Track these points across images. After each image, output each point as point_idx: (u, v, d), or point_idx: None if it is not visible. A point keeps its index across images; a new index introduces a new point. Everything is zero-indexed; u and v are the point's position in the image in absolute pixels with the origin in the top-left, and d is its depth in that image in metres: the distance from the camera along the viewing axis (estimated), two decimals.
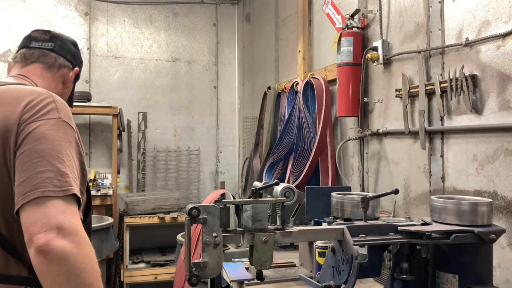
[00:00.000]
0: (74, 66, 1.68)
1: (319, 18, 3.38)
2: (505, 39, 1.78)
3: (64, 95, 1.66)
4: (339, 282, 1.35)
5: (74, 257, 1.07)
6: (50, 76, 1.60)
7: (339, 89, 2.71)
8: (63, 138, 1.22)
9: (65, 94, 1.67)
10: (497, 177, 1.82)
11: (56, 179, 1.14)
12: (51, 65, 1.60)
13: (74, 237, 1.09)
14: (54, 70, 1.61)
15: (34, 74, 1.56)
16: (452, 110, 2.06)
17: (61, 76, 1.64)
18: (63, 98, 1.51)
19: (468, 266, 1.30)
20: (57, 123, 1.24)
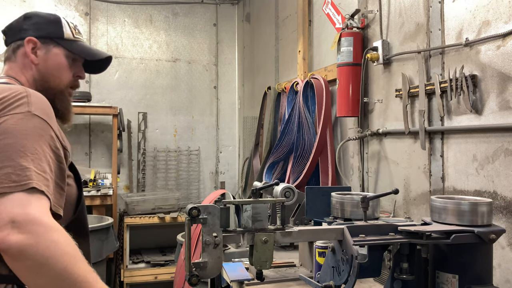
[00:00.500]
0: (25, 37, 1.47)
1: (319, 18, 3.38)
2: (505, 39, 1.78)
3: (48, 71, 1.48)
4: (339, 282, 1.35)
5: (33, 248, 1.03)
6: (17, 66, 1.48)
7: (339, 89, 2.71)
8: (30, 132, 1.18)
9: (47, 70, 1.48)
10: (497, 177, 1.82)
11: (15, 174, 1.10)
12: (10, 56, 1.50)
13: (31, 227, 1.04)
14: (13, 59, 1.48)
15: (8, 73, 1.47)
16: (452, 110, 2.06)
17: (23, 61, 1.47)
18: (51, 75, 1.46)
19: (468, 266, 1.30)
20: (25, 117, 1.19)
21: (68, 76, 1.52)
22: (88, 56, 1.56)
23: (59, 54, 1.50)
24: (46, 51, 1.48)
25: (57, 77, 1.49)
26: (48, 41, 1.49)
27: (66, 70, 1.51)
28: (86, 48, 1.56)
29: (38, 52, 1.47)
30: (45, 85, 1.46)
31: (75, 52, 1.52)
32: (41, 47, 1.47)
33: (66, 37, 1.51)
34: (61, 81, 1.50)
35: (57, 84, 1.49)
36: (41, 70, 1.47)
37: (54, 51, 1.49)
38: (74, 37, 1.54)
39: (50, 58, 1.49)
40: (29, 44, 1.46)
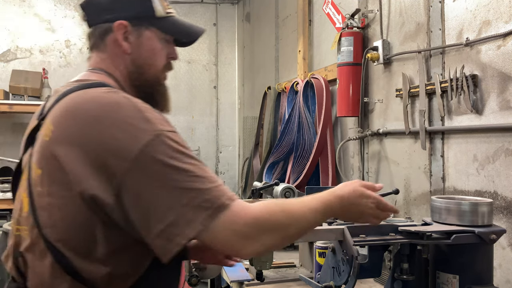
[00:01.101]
0: (114, 20, 1.19)
1: (319, 18, 3.38)
2: (505, 39, 1.78)
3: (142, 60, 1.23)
4: (339, 283, 1.34)
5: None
6: (107, 55, 1.22)
7: (339, 89, 2.71)
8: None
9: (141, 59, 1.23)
10: (498, 177, 1.82)
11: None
12: (97, 43, 1.23)
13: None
14: (102, 47, 1.22)
15: (97, 64, 1.24)
16: (452, 110, 2.05)
17: (113, 48, 1.21)
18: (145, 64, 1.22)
19: (468, 266, 1.29)
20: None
21: (162, 61, 1.26)
22: (186, 36, 1.31)
23: (152, 37, 1.23)
24: (137, 35, 1.21)
25: (152, 65, 1.24)
26: (138, 22, 1.21)
27: (160, 54, 1.25)
28: (181, 26, 1.29)
29: (129, 38, 1.20)
30: (141, 78, 1.23)
31: (170, 33, 1.26)
32: (132, 31, 1.20)
33: (158, 15, 1.23)
34: (156, 69, 1.25)
35: (153, 74, 1.25)
36: (135, 60, 1.22)
37: (147, 34, 1.22)
38: (166, 13, 1.25)
39: (143, 44, 1.22)
40: (120, 29, 1.19)
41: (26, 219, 1.07)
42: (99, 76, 1.19)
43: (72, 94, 1.08)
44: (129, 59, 1.21)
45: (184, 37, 1.30)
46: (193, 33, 1.31)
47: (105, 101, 1.04)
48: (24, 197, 1.09)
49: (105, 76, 1.19)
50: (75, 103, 1.06)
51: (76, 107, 1.05)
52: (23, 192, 1.11)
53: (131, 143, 0.97)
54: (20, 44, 4.78)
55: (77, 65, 4.95)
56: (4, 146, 4.60)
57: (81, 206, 1.00)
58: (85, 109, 1.03)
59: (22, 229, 1.09)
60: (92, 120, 1.01)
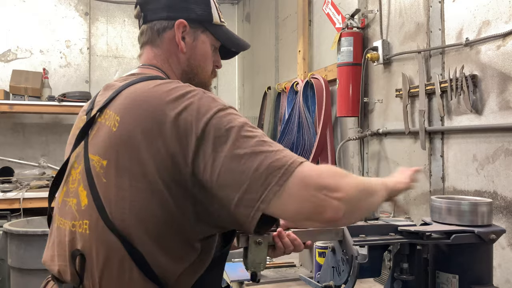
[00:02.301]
0: (176, 18, 1.21)
1: (319, 18, 3.38)
2: (505, 39, 1.78)
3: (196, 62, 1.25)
4: (339, 283, 1.34)
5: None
6: (161, 52, 1.24)
7: (339, 89, 2.71)
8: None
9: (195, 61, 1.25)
10: (497, 177, 1.82)
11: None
12: (153, 39, 1.24)
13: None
14: (158, 43, 1.24)
15: (150, 60, 1.25)
16: (452, 110, 2.05)
17: (169, 46, 1.23)
18: (198, 67, 1.25)
19: (468, 266, 1.29)
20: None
21: (211, 67, 1.30)
22: (234, 46, 1.34)
23: (206, 41, 1.26)
24: (194, 37, 1.24)
25: (204, 69, 1.27)
26: (197, 25, 1.24)
27: (210, 60, 1.29)
28: (231, 36, 1.33)
29: (186, 38, 1.23)
30: (195, 78, 1.25)
31: (222, 41, 1.29)
32: (189, 32, 1.23)
33: (215, 21, 1.27)
34: (206, 73, 1.29)
35: (203, 77, 1.28)
36: (190, 61, 1.24)
37: (202, 38, 1.25)
38: (221, 21, 1.30)
39: (198, 47, 1.25)
40: (180, 28, 1.21)
41: (86, 212, 1.03)
42: (153, 71, 1.20)
43: (135, 85, 1.08)
44: (184, 59, 1.23)
45: (233, 47, 1.33)
46: (241, 45, 1.36)
47: (170, 86, 1.04)
48: (81, 190, 1.06)
49: (159, 72, 1.20)
50: (141, 92, 1.05)
51: (143, 96, 1.04)
52: (78, 186, 1.07)
53: (199, 118, 0.98)
54: (21, 44, 4.78)
55: (77, 65, 4.95)
56: (4, 146, 4.60)
57: (157, 197, 0.98)
58: (152, 97, 1.03)
59: (78, 224, 1.05)
60: (160, 104, 1.00)
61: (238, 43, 1.35)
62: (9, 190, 3.96)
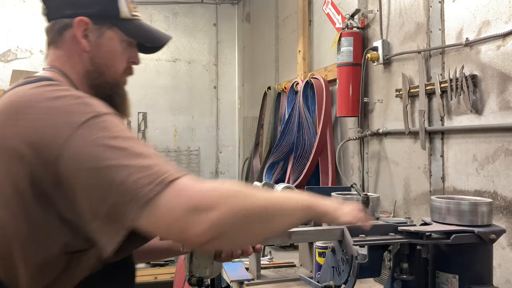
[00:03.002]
0: (76, 16, 1.12)
1: (319, 18, 3.38)
2: (505, 39, 1.78)
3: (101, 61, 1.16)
4: (339, 282, 1.34)
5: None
6: (63, 52, 1.15)
7: (339, 89, 2.71)
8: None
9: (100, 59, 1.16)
10: (497, 177, 1.82)
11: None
12: (54, 39, 1.16)
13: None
14: (60, 43, 1.15)
15: (53, 62, 1.17)
16: (452, 110, 2.06)
17: (70, 46, 1.14)
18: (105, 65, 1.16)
19: (468, 266, 1.29)
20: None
21: (123, 64, 1.22)
22: (149, 41, 1.26)
23: (113, 38, 1.17)
24: (99, 34, 1.15)
25: (112, 67, 1.19)
26: (101, 21, 1.15)
27: (121, 57, 1.21)
28: (146, 30, 1.24)
29: (89, 36, 1.14)
30: (100, 78, 1.17)
31: (133, 36, 1.22)
32: (93, 29, 1.14)
33: (123, 16, 1.18)
34: (116, 71, 1.20)
35: (112, 76, 1.20)
36: (94, 60, 1.16)
37: (108, 34, 1.16)
38: (132, 15, 1.21)
39: (104, 44, 1.16)
40: (80, 26, 1.12)
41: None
42: (51, 74, 1.12)
43: (11, 91, 1.03)
44: (88, 58, 1.15)
45: (148, 42, 1.26)
46: (158, 39, 1.27)
47: (39, 91, 0.98)
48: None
49: (58, 75, 1.12)
50: (9, 100, 1.00)
51: (8, 103, 0.99)
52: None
53: (64, 127, 0.91)
54: (21, 44, 4.78)
55: None
56: None
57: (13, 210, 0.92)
58: (17, 103, 0.97)
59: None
60: (25, 111, 0.94)
61: (154, 37, 1.26)
62: None
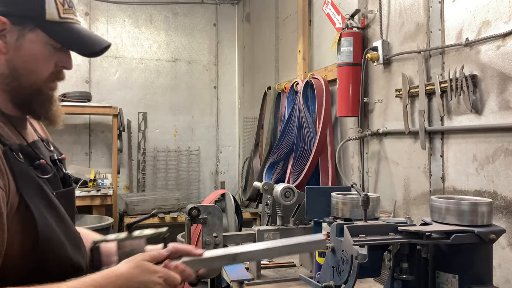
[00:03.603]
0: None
1: (319, 18, 3.38)
2: (505, 39, 1.78)
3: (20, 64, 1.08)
4: (339, 282, 1.35)
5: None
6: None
7: (339, 89, 2.71)
8: None
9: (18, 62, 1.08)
10: (497, 177, 1.82)
11: None
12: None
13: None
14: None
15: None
16: (452, 110, 2.06)
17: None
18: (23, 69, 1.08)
19: (468, 266, 1.30)
20: None
21: (48, 69, 1.13)
22: (77, 48, 1.15)
23: (35, 41, 1.08)
24: (18, 36, 1.07)
25: (32, 71, 1.10)
26: (22, 22, 1.07)
27: (45, 61, 1.12)
28: (75, 35, 1.13)
29: (7, 37, 1.06)
30: (14, 83, 1.09)
31: (59, 41, 1.11)
32: (11, 30, 1.06)
33: (49, 18, 1.08)
34: (37, 76, 1.11)
35: (32, 82, 1.11)
36: (11, 63, 1.08)
37: (29, 37, 1.08)
38: (61, 18, 1.10)
39: (23, 47, 1.07)
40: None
41: None
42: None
43: None
44: (3, 60, 1.07)
45: (75, 48, 1.15)
46: (88, 45, 1.15)
47: None
48: None
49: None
50: None
51: None
52: None
53: None
54: None
55: (77, 65, 4.95)
56: None
57: None
58: None
59: None
60: None
61: (83, 43, 1.14)
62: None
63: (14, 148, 1.05)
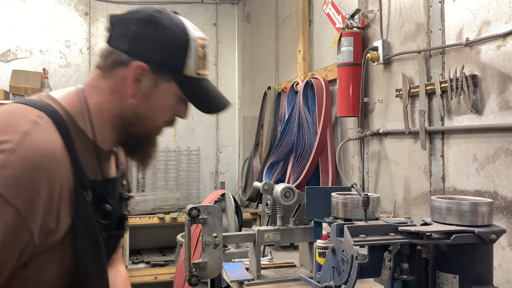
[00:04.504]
0: (137, 56, 1.03)
1: (319, 18, 3.38)
2: (505, 39, 1.78)
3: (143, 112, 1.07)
4: (339, 283, 1.34)
5: None
6: (106, 85, 1.06)
7: (339, 89, 2.71)
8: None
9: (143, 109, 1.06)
10: (498, 177, 1.82)
11: None
12: (105, 67, 1.07)
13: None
14: (108, 75, 1.06)
15: (90, 86, 1.09)
16: (452, 110, 2.05)
17: (117, 84, 1.05)
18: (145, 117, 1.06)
19: (468, 266, 1.29)
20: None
21: (167, 117, 1.14)
22: (201, 106, 1.14)
23: (167, 92, 1.08)
24: (153, 84, 1.05)
25: (152, 119, 1.10)
26: (160, 71, 1.05)
27: (168, 110, 1.12)
28: (204, 93, 1.12)
29: (143, 82, 1.04)
30: (130, 127, 1.07)
31: (190, 98, 1.12)
32: (149, 77, 1.04)
33: (187, 72, 1.07)
34: (155, 124, 1.12)
35: (147, 128, 1.11)
36: (135, 108, 1.06)
37: (163, 87, 1.06)
38: (197, 74, 1.09)
39: (154, 96, 1.06)
40: (136, 71, 1.03)
41: None
42: (65, 99, 1.06)
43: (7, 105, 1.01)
44: (130, 104, 1.05)
45: (203, 108, 1.15)
46: (214, 107, 1.15)
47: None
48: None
49: (70, 102, 1.05)
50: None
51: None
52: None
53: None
54: (20, 44, 4.78)
55: (77, 65, 4.95)
56: None
57: None
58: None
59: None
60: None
61: (209, 102, 1.14)
62: None
63: (87, 185, 1.02)
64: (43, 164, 0.90)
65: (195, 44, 1.07)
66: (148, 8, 1.08)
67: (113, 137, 1.09)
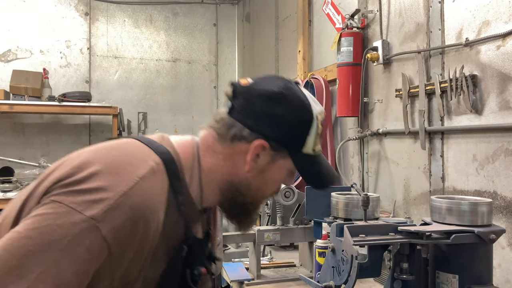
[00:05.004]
0: (259, 134, 1.02)
1: (319, 18, 3.38)
2: (505, 39, 1.78)
3: (255, 185, 1.07)
4: (339, 282, 1.35)
5: None
6: (222, 151, 1.05)
7: (339, 89, 2.71)
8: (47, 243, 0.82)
9: (255, 183, 1.06)
10: (497, 177, 1.82)
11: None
12: (225, 137, 1.04)
13: None
14: (226, 144, 1.04)
15: (205, 145, 1.07)
16: (452, 110, 2.06)
17: (234, 155, 1.04)
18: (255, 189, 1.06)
19: (468, 266, 1.29)
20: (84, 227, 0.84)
21: (275, 188, 1.14)
22: (315, 183, 1.15)
23: (282, 168, 1.08)
24: (270, 161, 1.05)
25: (262, 191, 1.10)
26: (280, 148, 1.04)
27: (278, 183, 1.13)
28: (316, 169, 1.10)
29: (261, 158, 1.04)
30: (238, 197, 1.07)
31: (303, 174, 1.11)
32: (267, 154, 1.04)
33: (304, 150, 1.06)
34: (263, 196, 1.12)
35: (255, 198, 1.10)
36: (247, 180, 1.06)
37: (279, 163, 1.06)
38: (313, 151, 1.07)
39: (269, 171, 1.06)
40: (256, 149, 1.02)
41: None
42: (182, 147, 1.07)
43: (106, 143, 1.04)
44: (243, 176, 1.05)
45: (313, 183, 1.15)
46: (321, 181, 1.14)
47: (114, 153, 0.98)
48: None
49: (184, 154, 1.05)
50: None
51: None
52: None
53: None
54: (21, 44, 4.78)
55: (78, 65, 4.95)
56: (4, 146, 4.60)
57: None
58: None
59: None
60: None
61: (323, 180, 1.13)
62: (9, 190, 3.97)
63: (189, 241, 1.02)
64: (146, 215, 0.91)
65: (317, 122, 1.06)
66: (274, 81, 1.06)
67: (214, 199, 1.08)
